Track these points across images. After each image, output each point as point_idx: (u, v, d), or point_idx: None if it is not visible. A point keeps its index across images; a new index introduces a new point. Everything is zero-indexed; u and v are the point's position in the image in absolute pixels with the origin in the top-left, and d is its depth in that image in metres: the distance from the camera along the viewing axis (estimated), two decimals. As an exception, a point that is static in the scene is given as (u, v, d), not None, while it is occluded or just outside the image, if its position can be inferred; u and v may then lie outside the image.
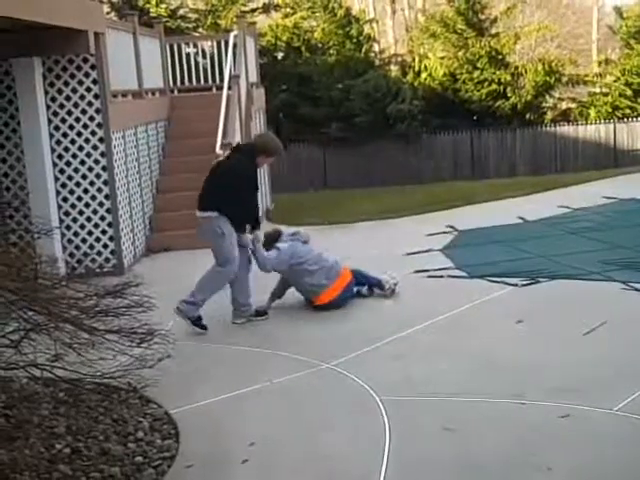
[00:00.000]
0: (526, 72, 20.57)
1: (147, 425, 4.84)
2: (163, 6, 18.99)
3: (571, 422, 4.55)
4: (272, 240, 7.28)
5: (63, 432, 4.63)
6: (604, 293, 7.11)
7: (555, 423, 4.55)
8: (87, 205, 9.16)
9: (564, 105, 22.31)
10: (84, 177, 9.11)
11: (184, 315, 6.80)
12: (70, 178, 9.10)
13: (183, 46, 13.76)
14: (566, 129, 20.35)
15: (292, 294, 7.40)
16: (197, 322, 6.82)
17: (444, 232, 10.31)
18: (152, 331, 4.82)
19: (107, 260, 9.24)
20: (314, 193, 17.51)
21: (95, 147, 9.08)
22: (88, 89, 8.97)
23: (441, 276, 8.09)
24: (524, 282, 7.55)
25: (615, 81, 21.17)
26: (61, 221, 9.08)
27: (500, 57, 20.57)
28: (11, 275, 4.23)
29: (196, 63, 13.79)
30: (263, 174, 13.44)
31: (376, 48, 22.78)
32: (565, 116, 21.50)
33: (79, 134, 9.04)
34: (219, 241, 6.79)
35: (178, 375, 5.57)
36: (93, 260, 9.17)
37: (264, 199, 13.16)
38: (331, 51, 20.68)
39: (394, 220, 11.76)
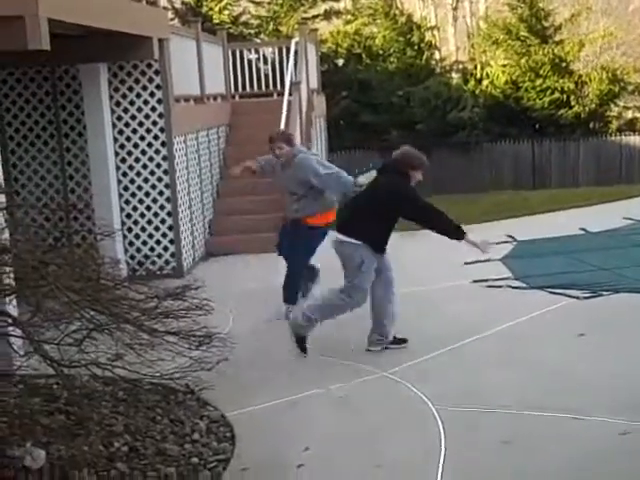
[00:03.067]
0: (590, 80, 20.21)
1: (203, 427, 4.88)
2: (226, 12, 19.18)
3: (630, 440, 4.44)
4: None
5: (121, 431, 4.70)
6: (669, 307, 6.93)
7: (614, 440, 4.44)
8: (148, 208, 9.31)
9: (630, 114, 21.83)
10: (146, 180, 9.26)
11: (295, 328, 6.15)
12: (132, 181, 9.26)
13: (245, 52, 13.89)
14: (632, 139, 19.90)
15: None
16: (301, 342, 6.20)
17: (504, 242, 10.18)
18: (210, 334, 4.87)
19: (167, 262, 9.37)
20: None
21: (157, 151, 9.22)
22: (152, 94, 9.12)
23: (500, 286, 7.98)
24: (586, 295, 7.40)
25: (683, 90, 20.66)
26: (123, 223, 9.24)
27: (564, 65, 20.23)
28: (75, 276, 4.31)
29: (257, 69, 13.90)
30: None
31: (437, 55, 22.61)
32: (631, 125, 21.02)
33: (142, 138, 9.20)
34: (357, 271, 6.00)
35: (235, 378, 5.60)
36: (153, 262, 9.30)
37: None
38: (392, 58, 20.59)
39: (453, 228, 11.64)
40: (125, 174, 9.24)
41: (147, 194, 9.28)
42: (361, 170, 6.65)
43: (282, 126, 11.25)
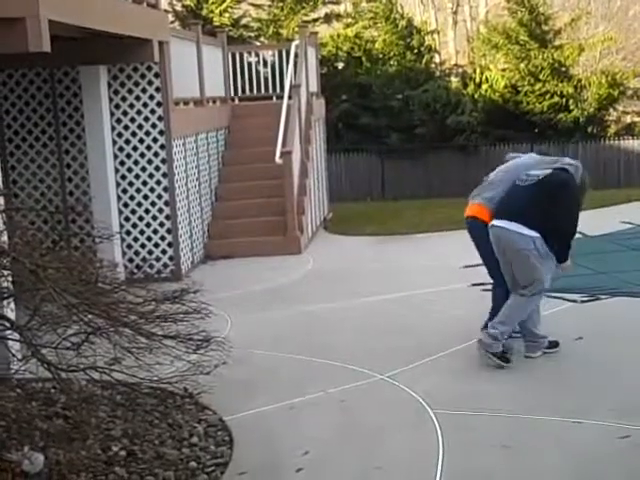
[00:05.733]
0: (589, 85, 20.22)
1: (202, 431, 4.87)
2: (226, 15, 19.19)
3: (629, 443, 4.43)
4: None
5: (119, 435, 4.69)
6: (668, 312, 6.93)
7: (614, 444, 4.44)
8: (147, 211, 9.31)
9: (628, 119, 21.85)
10: (145, 183, 9.26)
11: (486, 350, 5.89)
12: (131, 184, 9.26)
13: (245, 55, 13.89)
14: (630, 143, 19.91)
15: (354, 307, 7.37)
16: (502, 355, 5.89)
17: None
18: (209, 338, 4.86)
19: (165, 266, 9.36)
20: (371, 202, 17.48)
21: (156, 154, 9.22)
22: (151, 97, 9.12)
23: (499, 290, 7.96)
24: (584, 298, 7.40)
25: (682, 95, 20.68)
26: (121, 226, 9.24)
27: (563, 69, 20.24)
28: (73, 279, 4.30)
29: (257, 72, 13.89)
30: (321, 181, 13.49)
31: (437, 59, 22.62)
32: (629, 130, 21.04)
33: (141, 141, 9.20)
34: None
35: (233, 382, 5.59)
36: (151, 265, 9.30)
37: (321, 208, 13.19)
38: (392, 62, 20.60)
39: (452, 232, 11.64)
40: (124, 177, 9.24)
41: (146, 197, 9.28)
42: None
43: (281, 129, 11.27)
